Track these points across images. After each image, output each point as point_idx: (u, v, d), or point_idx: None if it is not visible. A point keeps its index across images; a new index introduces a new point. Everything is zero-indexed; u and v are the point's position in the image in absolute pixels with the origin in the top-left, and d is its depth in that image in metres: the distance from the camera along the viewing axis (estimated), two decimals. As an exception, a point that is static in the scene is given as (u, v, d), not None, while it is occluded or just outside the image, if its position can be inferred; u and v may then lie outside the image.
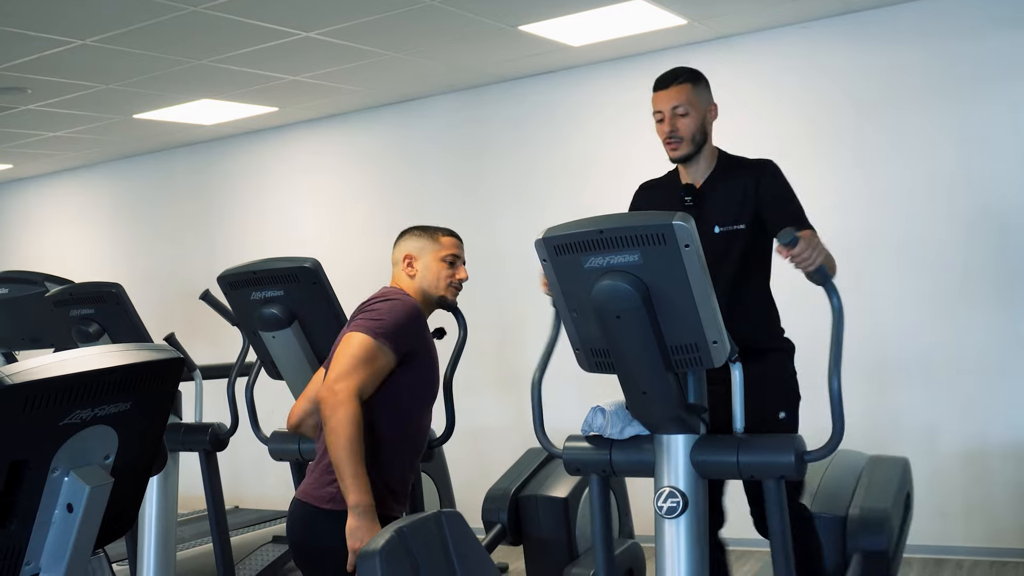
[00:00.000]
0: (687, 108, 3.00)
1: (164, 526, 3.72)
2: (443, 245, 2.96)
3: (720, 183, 3.05)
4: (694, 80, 3.05)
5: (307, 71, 5.50)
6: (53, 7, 4.11)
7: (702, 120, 3.03)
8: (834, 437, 2.44)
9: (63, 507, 1.63)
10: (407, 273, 2.94)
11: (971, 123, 4.91)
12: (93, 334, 3.64)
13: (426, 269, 2.93)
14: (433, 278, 2.93)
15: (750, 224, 2.97)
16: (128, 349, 1.71)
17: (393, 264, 3.00)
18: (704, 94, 3.06)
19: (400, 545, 2.26)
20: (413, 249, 2.96)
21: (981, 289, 4.92)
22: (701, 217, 2.95)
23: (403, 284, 2.95)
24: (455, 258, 2.98)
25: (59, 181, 8.49)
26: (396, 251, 3.00)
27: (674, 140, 3.02)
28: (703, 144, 3.05)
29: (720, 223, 2.98)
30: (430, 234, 2.98)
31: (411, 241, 2.98)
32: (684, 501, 2.44)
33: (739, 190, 3.01)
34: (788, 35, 5.31)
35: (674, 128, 3.01)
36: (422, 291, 2.93)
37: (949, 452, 5.02)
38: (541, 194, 6.08)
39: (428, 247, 2.95)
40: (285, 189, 7.15)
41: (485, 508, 3.92)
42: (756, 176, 3.02)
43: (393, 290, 2.91)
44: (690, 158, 3.04)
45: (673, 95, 3.02)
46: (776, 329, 3.12)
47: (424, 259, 2.94)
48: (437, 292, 2.94)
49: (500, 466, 4.28)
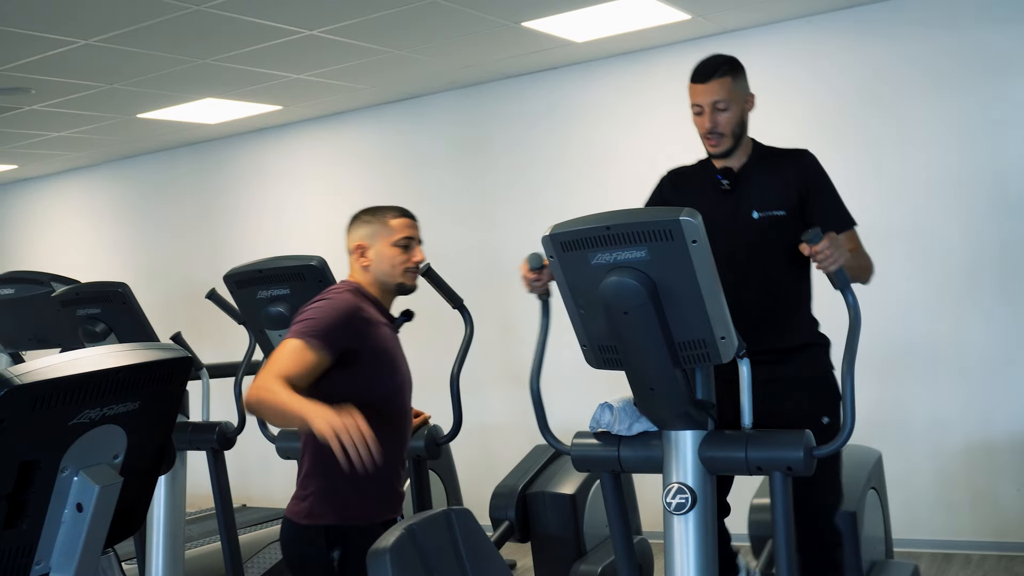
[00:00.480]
0: (727, 103, 2.89)
1: (172, 525, 3.72)
2: (394, 229, 2.78)
3: (758, 169, 2.98)
4: (734, 72, 2.93)
5: (311, 69, 5.50)
6: (57, 7, 4.11)
7: (742, 112, 2.94)
8: (845, 433, 2.44)
9: (73, 507, 1.63)
10: (360, 264, 2.79)
11: (977, 115, 4.90)
12: (100, 334, 3.64)
13: (379, 257, 2.76)
14: (387, 266, 2.76)
15: (791, 211, 2.89)
16: (136, 349, 1.71)
17: (349, 255, 2.84)
18: (743, 85, 2.96)
19: (410, 543, 2.26)
20: (363, 237, 2.78)
21: (988, 281, 4.91)
22: (739, 201, 2.94)
23: (358, 276, 2.80)
24: (408, 240, 2.79)
25: (64, 181, 8.50)
26: (347, 240, 2.83)
27: (714, 136, 2.92)
28: (742, 136, 2.97)
29: (759, 208, 2.91)
30: (379, 218, 2.79)
31: (360, 228, 2.80)
32: (693, 497, 2.44)
33: (779, 177, 2.94)
34: (792, 29, 5.30)
35: (715, 124, 2.90)
36: (378, 281, 2.78)
37: (956, 445, 5.01)
38: (546, 190, 6.07)
39: (379, 233, 2.77)
40: (290, 187, 7.15)
41: (492, 505, 3.92)
42: (797, 164, 2.96)
43: (332, 289, 2.78)
44: (730, 152, 2.96)
45: (714, 89, 2.90)
46: (814, 324, 3.05)
47: (376, 246, 2.76)
48: (394, 280, 2.78)
49: (507, 463, 4.28)
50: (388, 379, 2.71)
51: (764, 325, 2.87)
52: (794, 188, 2.93)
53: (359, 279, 2.79)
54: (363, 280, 2.78)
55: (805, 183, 2.93)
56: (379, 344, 2.68)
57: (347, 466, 2.31)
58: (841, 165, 5.14)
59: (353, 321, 2.62)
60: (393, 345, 2.76)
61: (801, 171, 2.95)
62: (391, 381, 2.72)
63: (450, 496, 4.63)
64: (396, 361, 2.74)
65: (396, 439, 2.74)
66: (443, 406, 3.45)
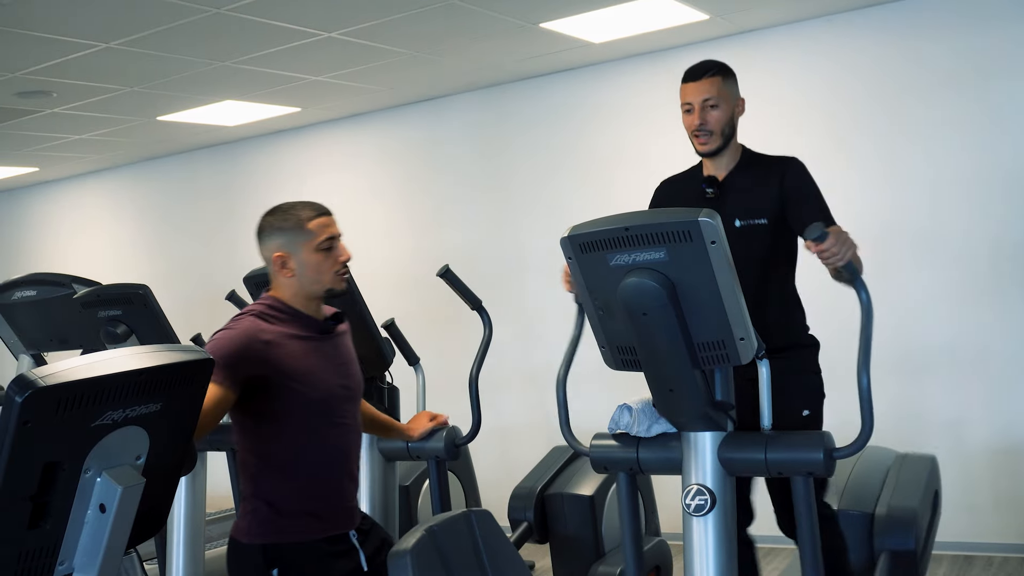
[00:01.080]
0: (717, 101, 2.96)
1: (193, 525, 3.74)
2: (314, 231, 2.53)
3: (742, 177, 3.01)
4: (724, 73, 3.01)
5: (329, 71, 5.52)
6: (77, 11, 4.14)
7: (731, 113, 2.99)
8: (863, 433, 2.43)
9: (96, 507, 1.65)
10: (284, 276, 2.55)
11: (995, 115, 4.86)
12: (121, 335, 3.67)
13: (303, 266, 2.53)
14: (313, 274, 2.54)
15: (772, 219, 2.93)
16: (158, 351, 1.72)
17: (267, 266, 2.60)
18: (733, 88, 3.03)
19: (431, 544, 2.26)
20: (281, 246, 2.54)
21: (1007, 280, 4.87)
22: (722, 210, 2.94)
23: (281, 289, 2.58)
24: (331, 241, 2.56)
25: (84, 183, 8.56)
26: (263, 251, 2.58)
27: (703, 134, 2.98)
28: (731, 138, 3.02)
29: (741, 217, 2.94)
30: (294, 222, 2.53)
31: (275, 237, 2.54)
32: (712, 499, 2.44)
33: (762, 185, 2.97)
34: (810, 29, 5.28)
35: (704, 121, 2.96)
36: (304, 291, 2.56)
37: (977, 447, 4.97)
38: (564, 191, 6.07)
39: (297, 239, 2.52)
40: (308, 189, 7.16)
41: (511, 506, 3.92)
42: (780, 172, 2.98)
43: (236, 315, 2.57)
44: (719, 152, 3.00)
45: (704, 87, 2.98)
46: (800, 326, 3.07)
47: (297, 255, 2.53)
48: (322, 287, 2.56)
49: (526, 464, 4.28)
50: (308, 395, 2.51)
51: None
52: (776, 196, 2.95)
53: (282, 293, 2.58)
54: (287, 293, 2.57)
55: (788, 190, 2.95)
56: (289, 363, 2.48)
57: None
58: (858, 164, 5.14)
59: (251, 351, 2.43)
60: (311, 358, 2.54)
61: (782, 179, 2.97)
62: (312, 396, 2.52)
63: (469, 497, 4.63)
64: (315, 375, 2.53)
65: (330, 455, 2.58)
66: (462, 408, 3.45)
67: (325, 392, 2.55)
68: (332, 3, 4.30)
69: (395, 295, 6.18)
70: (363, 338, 3.42)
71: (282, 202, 2.60)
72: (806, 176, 2.99)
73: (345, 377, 2.63)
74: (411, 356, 3.63)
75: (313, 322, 2.59)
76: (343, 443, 2.62)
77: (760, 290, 2.93)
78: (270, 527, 2.51)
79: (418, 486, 4.22)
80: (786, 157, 3.05)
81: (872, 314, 2.42)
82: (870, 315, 2.42)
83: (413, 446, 3.40)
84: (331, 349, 2.62)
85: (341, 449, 2.61)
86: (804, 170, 3.00)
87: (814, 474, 2.45)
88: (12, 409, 1.48)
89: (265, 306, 2.56)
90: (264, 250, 2.58)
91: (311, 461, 2.54)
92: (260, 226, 2.58)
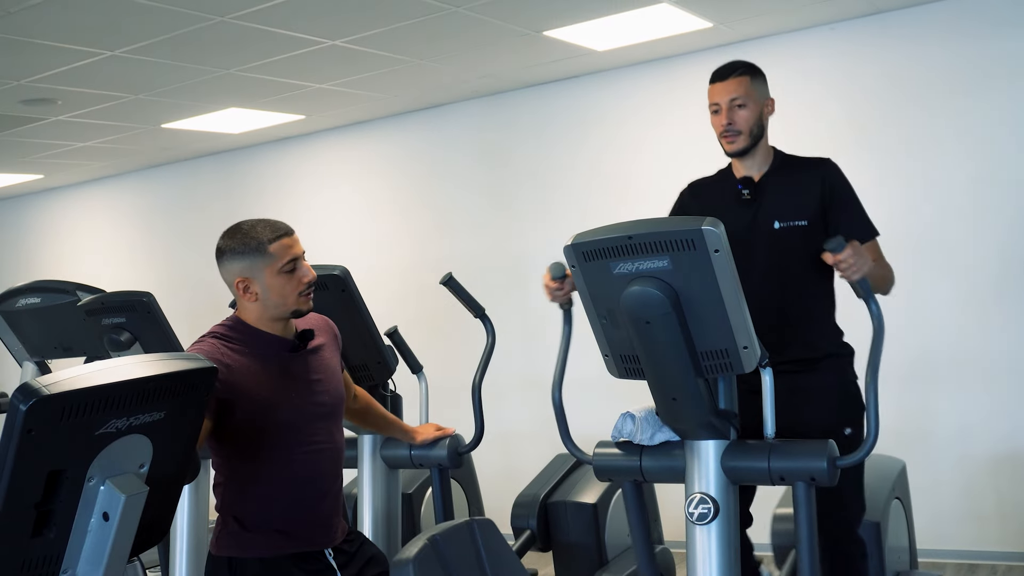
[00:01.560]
0: (745, 100, 2.91)
1: (196, 533, 3.73)
2: (276, 255, 2.47)
3: (778, 178, 2.97)
4: (752, 73, 2.97)
5: (333, 79, 5.53)
6: (82, 19, 4.15)
7: (760, 113, 2.95)
8: (868, 442, 2.43)
9: (99, 515, 1.65)
10: (247, 301, 2.49)
11: (1001, 122, 4.86)
12: (125, 343, 3.67)
13: (268, 291, 2.47)
14: (277, 298, 2.48)
15: (813, 221, 2.88)
16: (162, 359, 1.73)
17: (229, 288, 2.53)
18: (762, 87, 2.98)
19: (433, 553, 2.26)
20: (242, 271, 2.47)
21: (1014, 289, 4.86)
22: (760, 212, 2.93)
23: (248, 313, 2.52)
24: (293, 263, 2.50)
25: (89, 191, 8.58)
26: (224, 275, 2.52)
27: (731, 133, 2.93)
28: (760, 138, 2.96)
29: (780, 218, 2.89)
30: (254, 246, 2.46)
31: (235, 262, 2.47)
32: (715, 507, 2.43)
33: (800, 186, 2.93)
34: (813, 37, 5.28)
35: (732, 120, 2.92)
36: (269, 315, 2.50)
37: (982, 455, 4.96)
38: (567, 199, 6.07)
39: (259, 264, 2.46)
40: (312, 196, 7.18)
41: (514, 514, 3.91)
42: (820, 174, 2.94)
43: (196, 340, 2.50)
44: (747, 152, 2.96)
45: (731, 87, 2.93)
46: (838, 333, 3.02)
47: (260, 279, 2.46)
48: (288, 308, 2.50)
49: (529, 471, 4.27)
50: (273, 417, 2.46)
51: (787, 335, 2.86)
52: (816, 197, 2.91)
53: (247, 315, 2.52)
54: (251, 316, 2.51)
55: (827, 192, 2.91)
56: (252, 386, 2.43)
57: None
58: (863, 172, 5.12)
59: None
60: (276, 379, 2.49)
61: (823, 180, 2.93)
62: (278, 418, 2.47)
63: (472, 505, 4.63)
64: (280, 395, 2.48)
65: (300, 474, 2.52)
66: (465, 415, 3.45)
67: (292, 412, 2.49)
68: (336, 11, 4.31)
69: (398, 303, 6.19)
70: (366, 346, 3.42)
71: (240, 221, 2.53)
72: (844, 179, 2.96)
73: (319, 394, 2.56)
74: (414, 364, 3.63)
75: (280, 341, 2.53)
76: (315, 462, 2.54)
77: (799, 294, 2.91)
78: (236, 541, 2.49)
79: (421, 494, 4.21)
80: (822, 158, 3.01)
81: (884, 329, 2.43)
82: (882, 330, 2.43)
83: (416, 454, 3.40)
84: (301, 367, 2.55)
85: (313, 469, 2.54)
86: (841, 173, 2.97)
87: (817, 482, 2.45)
88: (16, 417, 1.48)
89: (227, 328, 2.51)
90: (225, 274, 2.51)
91: (279, 480, 2.50)
92: (219, 249, 2.51)
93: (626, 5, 4.53)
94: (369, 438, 3.48)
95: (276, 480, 2.50)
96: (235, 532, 2.49)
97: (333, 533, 2.59)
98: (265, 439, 2.47)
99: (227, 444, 2.48)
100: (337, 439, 2.63)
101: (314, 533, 2.55)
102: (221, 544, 2.51)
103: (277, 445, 2.48)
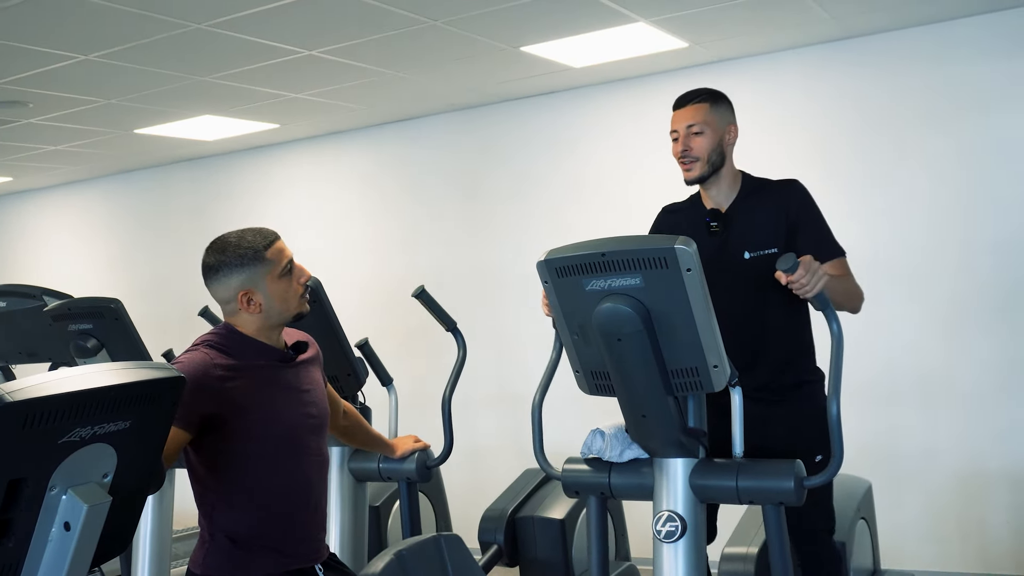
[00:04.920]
0: (702, 127, 2.90)
1: (159, 543, 3.70)
2: (273, 259, 2.45)
3: (747, 207, 2.95)
4: (713, 100, 2.95)
5: (309, 89, 5.52)
6: (56, 22, 4.12)
7: (719, 140, 2.92)
8: (834, 463, 2.44)
9: (60, 525, 1.63)
10: (250, 312, 2.44)
11: (968, 150, 4.92)
12: (91, 349, 3.64)
13: (271, 298, 2.44)
14: (280, 303, 2.45)
15: (783, 248, 2.84)
16: (129, 367, 1.71)
17: (224, 304, 2.47)
18: (723, 114, 2.96)
19: (399, 569, 2.25)
20: (243, 283, 2.42)
21: (979, 312, 4.92)
22: (728, 243, 2.91)
23: (247, 324, 2.46)
24: (290, 263, 2.49)
25: (59, 194, 8.50)
26: (221, 290, 2.45)
27: (688, 160, 2.92)
28: (720, 166, 2.94)
29: (750, 248, 2.88)
30: (251, 256, 2.43)
31: (234, 275, 2.42)
32: (683, 525, 2.44)
33: (769, 214, 2.91)
34: (787, 59, 5.33)
35: (688, 147, 2.91)
36: (270, 324, 2.47)
37: (946, 476, 5.01)
38: (541, 215, 6.09)
39: (259, 272, 2.42)
40: (286, 205, 7.15)
41: (482, 528, 3.90)
42: (786, 199, 2.92)
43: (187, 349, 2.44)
44: (705, 179, 2.94)
45: (688, 114, 2.93)
46: (812, 360, 3.00)
47: (263, 288, 2.43)
48: (290, 312, 2.48)
49: (497, 485, 4.26)
50: (269, 428, 2.42)
51: (760, 365, 2.86)
52: (783, 223, 2.90)
53: (245, 327, 2.46)
54: (252, 327, 2.46)
55: (792, 215, 2.90)
56: (246, 396, 2.39)
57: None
58: (832, 195, 5.17)
59: (204, 387, 2.31)
60: (270, 389, 2.45)
61: (788, 203, 2.92)
62: (274, 429, 2.43)
63: (439, 520, 4.61)
64: (274, 406, 2.44)
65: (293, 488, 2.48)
66: (434, 428, 3.44)
67: (287, 423, 2.45)
68: (312, 21, 4.30)
69: (369, 314, 6.17)
70: (336, 357, 3.41)
71: (222, 235, 2.49)
72: (809, 199, 2.94)
73: (309, 405, 2.52)
74: (384, 376, 3.62)
75: (273, 351, 2.49)
76: (307, 475, 2.50)
77: (772, 322, 2.89)
78: (228, 561, 2.41)
79: (388, 506, 4.19)
80: (788, 180, 3.00)
81: (843, 345, 2.44)
82: (841, 345, 2.44)
83: (384, 467, 3.38)
84: (292, 378, 2.50)
85: (305, 481, 2.50)
86: (806, 193, 2.96)
87: (785, 503, 2.47)
88: (-22, 424, 1.46)
89: (220, 336, 2.45)
90: (221, 290, 2.44)
91: (274, 495, 2.44)
92: (210, 265, 2.44)
93: (604, 23, 4.56)
94: (337, 450, 3.46)
95: (275, 494, 2.44)
96: (226, 549, 2.40)
97: (320, 548, 2.55)
98: (263, 451, 2.41)
99: (223, 459, 2.40)
100: (324, 452, 2.60)
101: (305, 549, 2.49)
102: (210, 564, 2.41)
103: (275, 457, 2.43)
